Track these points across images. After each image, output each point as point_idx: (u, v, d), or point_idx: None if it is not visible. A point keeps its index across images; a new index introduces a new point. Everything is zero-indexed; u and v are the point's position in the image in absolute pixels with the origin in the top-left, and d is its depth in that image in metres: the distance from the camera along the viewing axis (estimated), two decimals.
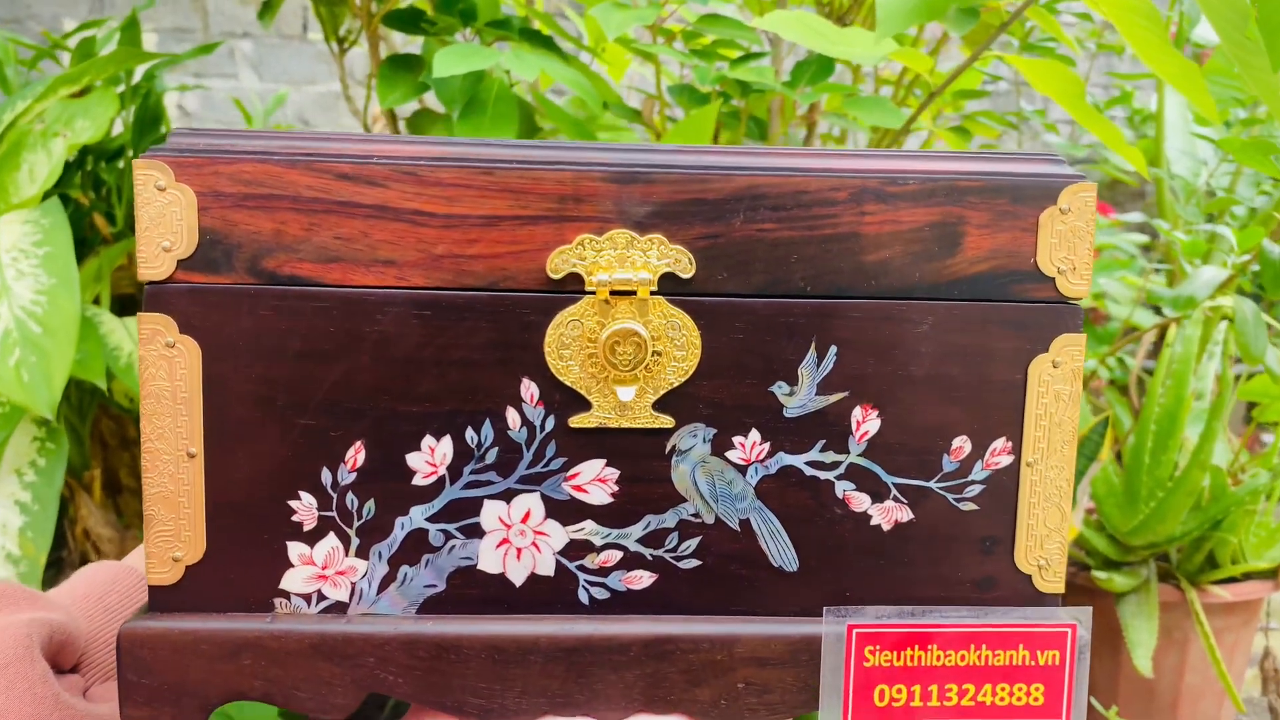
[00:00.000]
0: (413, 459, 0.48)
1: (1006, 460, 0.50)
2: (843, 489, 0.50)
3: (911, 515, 0.50)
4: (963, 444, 0.50)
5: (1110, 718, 1.17)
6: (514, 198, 0.47)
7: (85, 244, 1.20)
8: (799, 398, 0.49)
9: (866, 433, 0.50)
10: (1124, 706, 1.28)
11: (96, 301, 1.16)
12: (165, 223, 0.46)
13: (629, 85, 1.60)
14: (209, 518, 0.48)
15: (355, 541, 0.49)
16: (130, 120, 1.22)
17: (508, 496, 0.49)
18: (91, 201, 1.20)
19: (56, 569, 1.33)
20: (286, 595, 0.49)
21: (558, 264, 0.47)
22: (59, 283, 0.99)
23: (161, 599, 0.48)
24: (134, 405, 1.07)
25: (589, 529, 0.49)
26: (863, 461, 0.50)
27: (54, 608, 0.53)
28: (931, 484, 0.50)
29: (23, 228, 1.02)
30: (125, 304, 1.22)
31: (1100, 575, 1.19)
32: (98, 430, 1.21)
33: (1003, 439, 0.50)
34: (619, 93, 1.22)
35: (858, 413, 0.50)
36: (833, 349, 0.49)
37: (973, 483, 0.50)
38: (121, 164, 1.23)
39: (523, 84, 1.09)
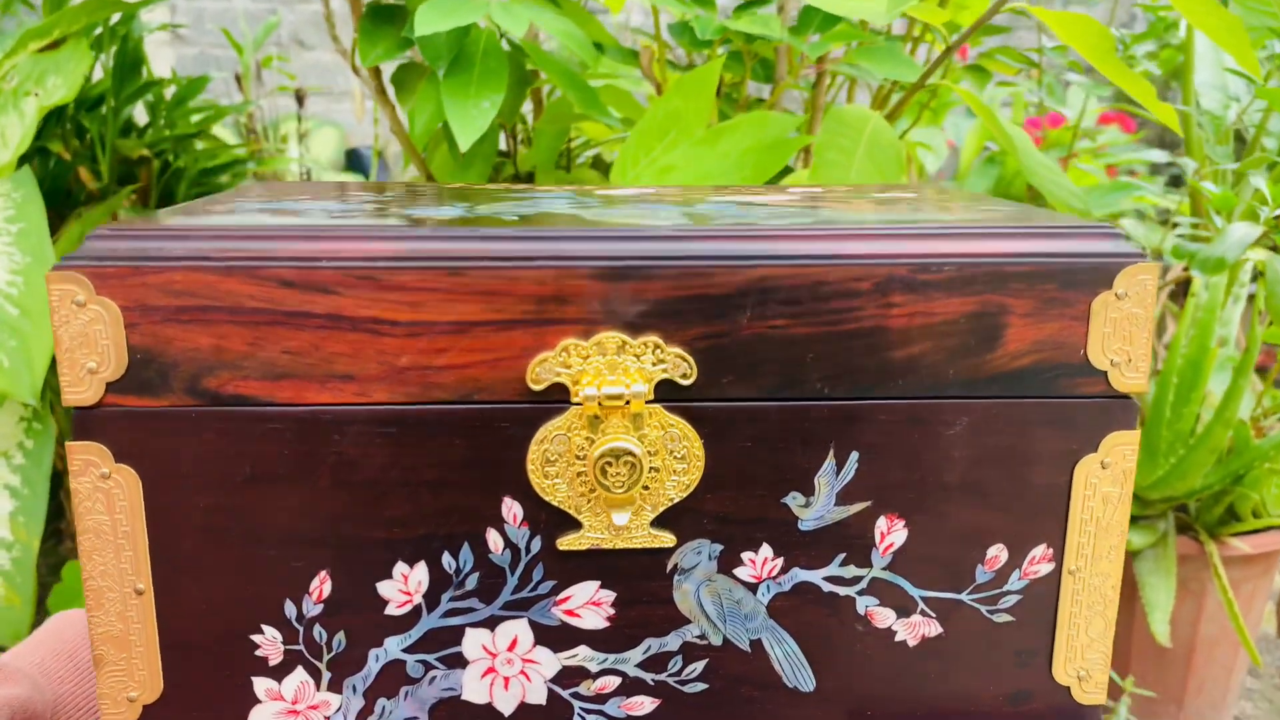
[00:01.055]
0: (384, 588, 0.43)
1: (1046, 568, 0.45)
2: (865, 605, 0.45)
3: (940, 629, 0.45)
4: (999, 553, 0.45)
5: (1126, 687, 1.14)
6: (486, 300, 0.41)
7: (69, 199, 1.13)
8: (815, 509, 0.44)
9: (892, 544, 0.44)
10: (1138, 656, 1.26)
11: None
12: (88, 342, 0.40)
13: (626, 26, 1.50)
14: (164, 655, 0.43)
15: (327, 675, 0.44)
16: (110, 65, 1.14)
17: (492, 624, 0.44)
18: (75, 152, 1.12)
19: (56, 539, 1.30)
20: None
21: (539, 373, 0.42)
22: (34, 261, 0.94)
23: None
24: None
25: (583, 655, 0.45)
26: (887, 575, 0.45)
27: (19, 679, 0.51)
28: (963, 596, 0.45)
29: None
30: None
31: None
32: None
33: (1043, 546, 0.45)
34: (616, 38, 1.13)
35: (882, 523, 0.44)
36: (854, 455, 0.43)
37: (1009, 593, 0.45)
38: (104, 111, 1.15)
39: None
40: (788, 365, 0.42)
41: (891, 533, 0.44)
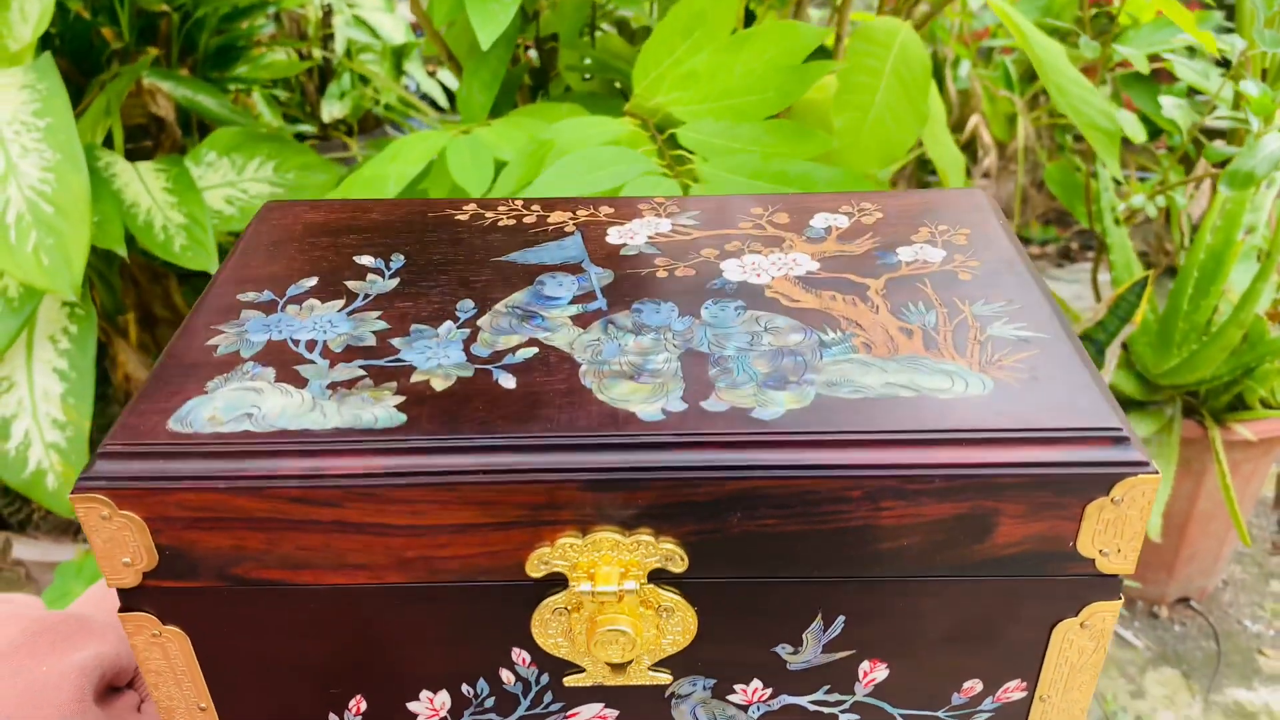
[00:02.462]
0: (414, 706, 0.49)
1: (1019, 695, 0.48)
2: (847, 718, 0.49)
3: None
4: (974, 685, 0.48)
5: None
6: (483, 508, 0.42)
7: (92, 58, 1.10)
8: (803, 657, 0.47)
9: (874, 680, 0.48)
10: None
11: (109, 141, 1.09)
12: (120, 544, 0.43)
13: None
14: None
15: None
16: None
17: None
18: (95, 7, 1.08)
19: (104, 402, 1.34)
20: None
21: (537, 564, 0.44)
22: (64, 158, 0.93)
23: None
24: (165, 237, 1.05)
25: None
26: (870, 700, 0.49)
27: (105, 635, 0.53)
28: (939, 713, 0.49)
29: (19, 95, 0.94)
30: (135, 137, 1.15)
31: None
32: (126, 269, 1.19)
33: (1018, 680, 0.48)
34: None
35: (865, 665, 0.47)
36: (840, 619, 0.46)
37: (981, 712, 0.49)
38: None
39: None
40: (777, 554, 0.44)
41: (874, 671, 0.48)
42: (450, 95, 1.85)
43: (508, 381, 0.45)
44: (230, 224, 1.11)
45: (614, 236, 0.56)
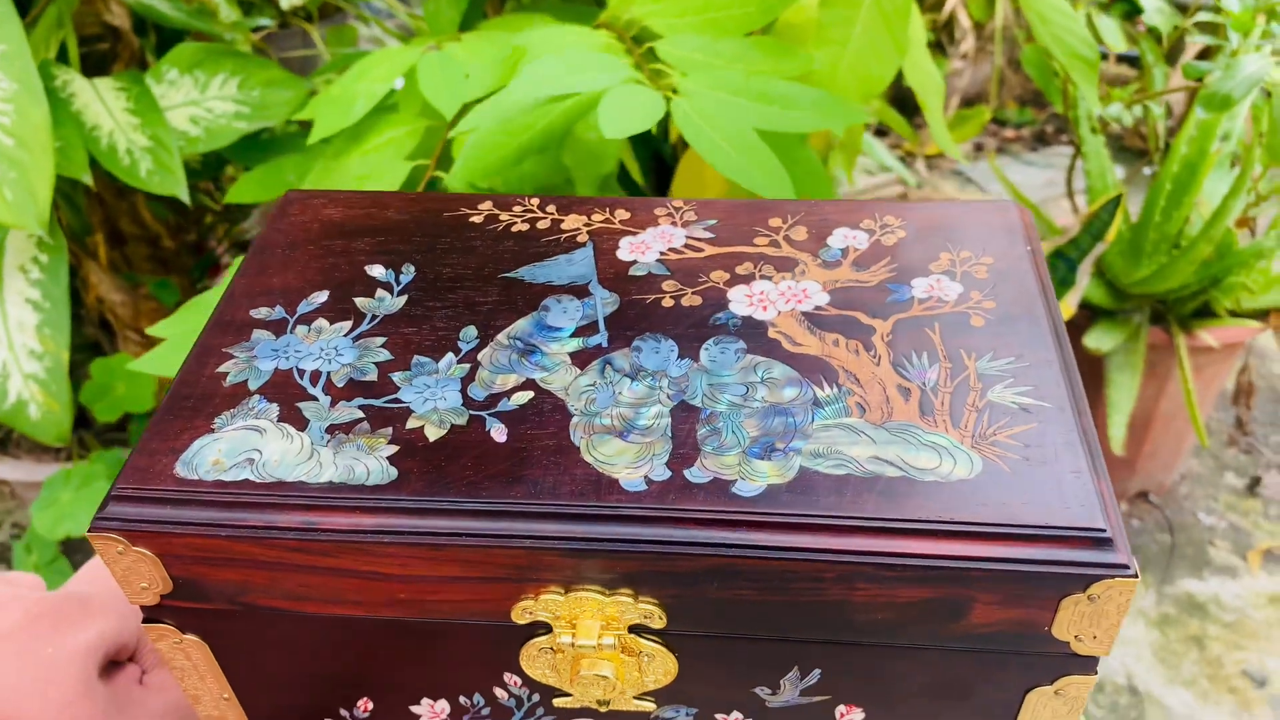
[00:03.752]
0: (416, 709, 0.52)
1: None
2: None
3: None
4: None
5: None
6: (468, 566, 0.44)
7: None
8: (782, 698, 0.49)
9: None
10: (1098, 425, 1.32)
11: (63, 56, 1.06)
12: (135, 573, 0.46)
13: None
14: None
15: None
16: None
17: None
18: None
19: (77, 322, 1.30)
20: None
21: (522, 613, 0.46)
22: (22, 88, 0.90)
23: None
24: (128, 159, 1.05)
25: None
26: None
27: (105, 612, 0.53)
28: None
29: None
30: (89, 44, 1.12)
31: (1089, 343, 1.18)
32: (91, 191, 1.18)
33: None
34: None
35: (842, 708, 0.49)
36: (816, 671, 0.47)
37: None
38: None
39: None
40: (753, 620, 0.45)
41: (851, 714, 0.49)
42: None
43: (498, 434, 0.46)
44: (196, 145, 1.08)
45: (625, 250, 0.56)
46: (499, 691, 0.51)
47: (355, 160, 0.85)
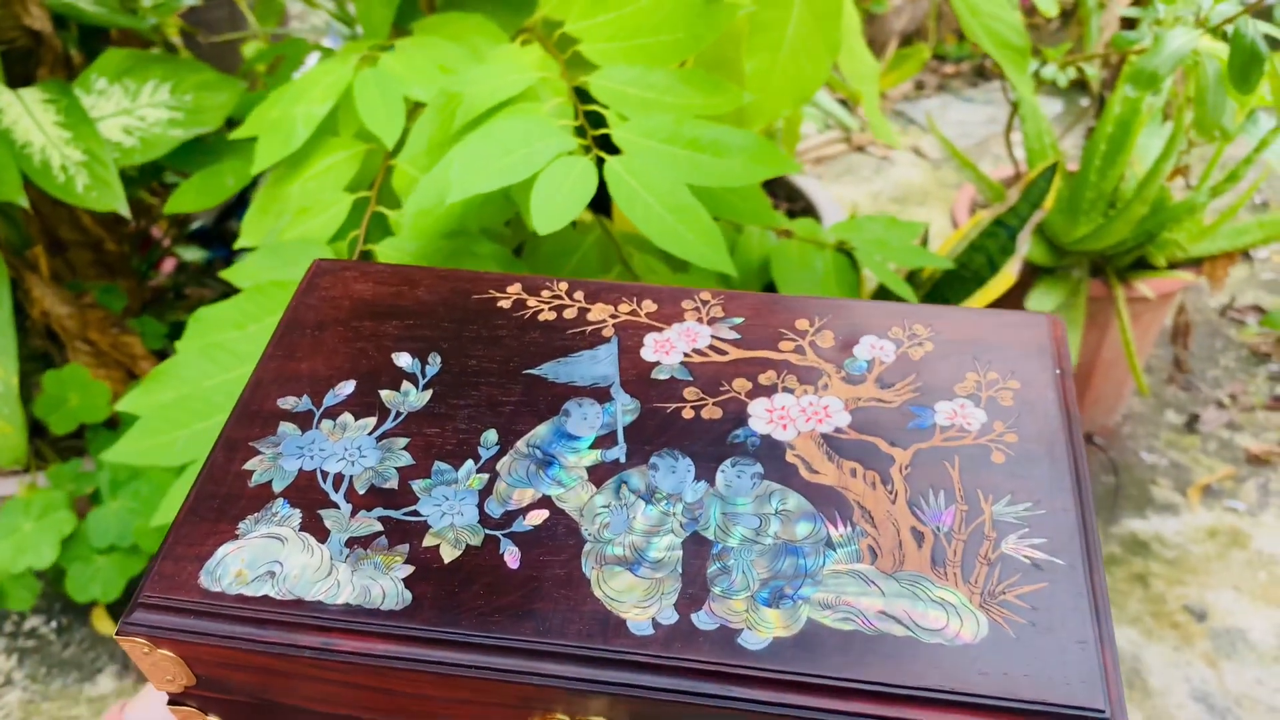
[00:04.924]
0: None
1: None
2: None
3: None
4: None
5: None
6: (476, 693, 0.45)
7: None
8: None
9: None
10: None
11: None
12: (161, 670, 0.48)
13: None
14: None
15: None
16: None
17: None
18: None
19: (23, 334, 1.27)
20: None
21: None
22: None
23: None
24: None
25: None
26: None
27: None
28: None
29: None
30: (11, 57, 1.08)
31: (1032, 306, 1.25)
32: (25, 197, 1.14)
33: None
34: None
35: None
36: None
37: None
38: None
39: None
40: None
41: None
42: None
43: (511, 560, 0.47)
44: (131, 156, 1.04)
45: (649, 349, 0.56)
46: None
47: (296, 188, 0.85)
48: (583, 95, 0.78)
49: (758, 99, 0.79)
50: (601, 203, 1.00)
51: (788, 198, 1.47)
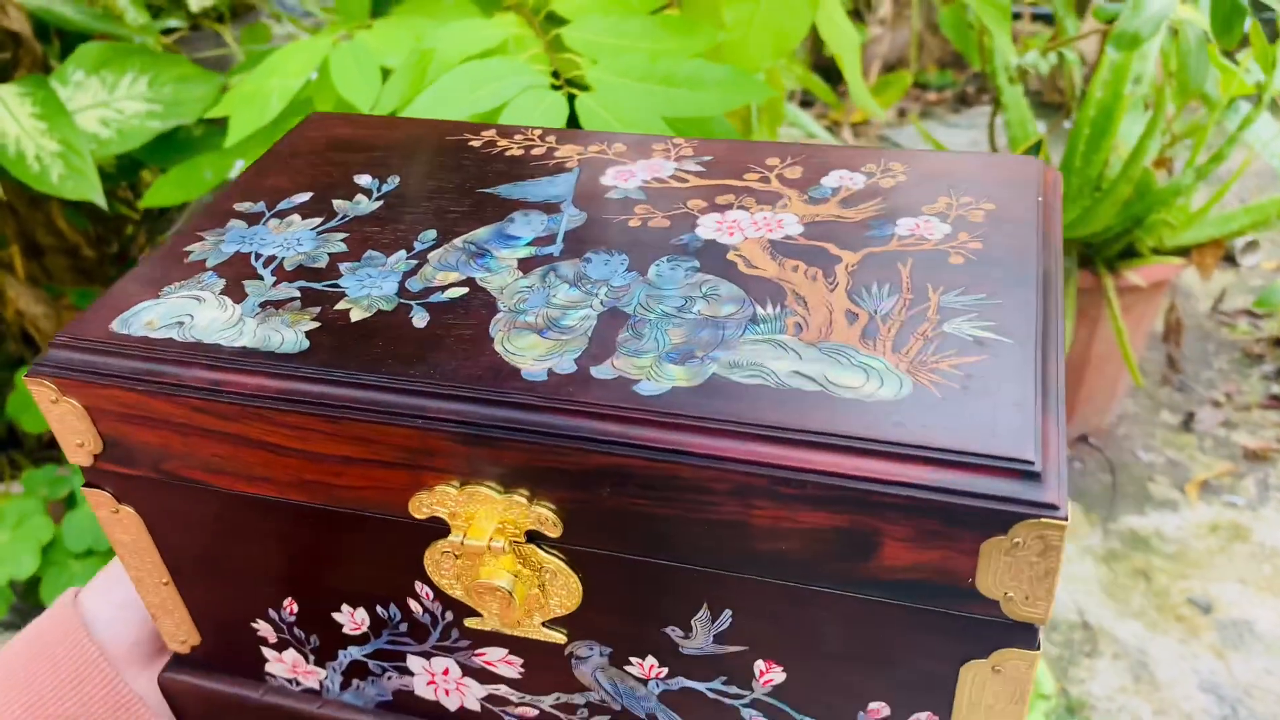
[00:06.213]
0: (338, 616, 0.51)
1: None
2: (749, 715, 0.46)
3: None
4: (880, 708, 0.44)
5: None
6: (364, 445, 0.43)
7: None
8: (695, 643, 0.45)
9: (771, 680, 0.45)
10: None
11: None
12: (69, 427, 0.47)
13: None
14: (195, 621, 0.55)
15: (311, 657, 0.54)
16: None
17: (426, 655, 0.51)
18: None
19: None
20: (273, 675, 0.56)
21: (419, 506, 0.44)
22: None
23: (181, 661, 0.57)
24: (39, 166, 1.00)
25: (504, 690, 0.51)
26: (770, 700, 0.46)
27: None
28: None
29: None
30: None
31: None
32: (2, 202, 1.14)
33: (927, 713, 0.43)
34: None
35: (760, 664, 0.44)
36: (727, 612, 0.43)
37: None
38: None
39: None
40: (653, 534, 0.41)
41: (770, 672, 0.45)
42: None
43: (419, 320, 0.45)
44: (108, 147, 1.02)
45: (609, 177, 0.54)
46: (413, 605, 0.48)
47: None
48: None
49: (736, 49, 0.78)
50: None
51: None
